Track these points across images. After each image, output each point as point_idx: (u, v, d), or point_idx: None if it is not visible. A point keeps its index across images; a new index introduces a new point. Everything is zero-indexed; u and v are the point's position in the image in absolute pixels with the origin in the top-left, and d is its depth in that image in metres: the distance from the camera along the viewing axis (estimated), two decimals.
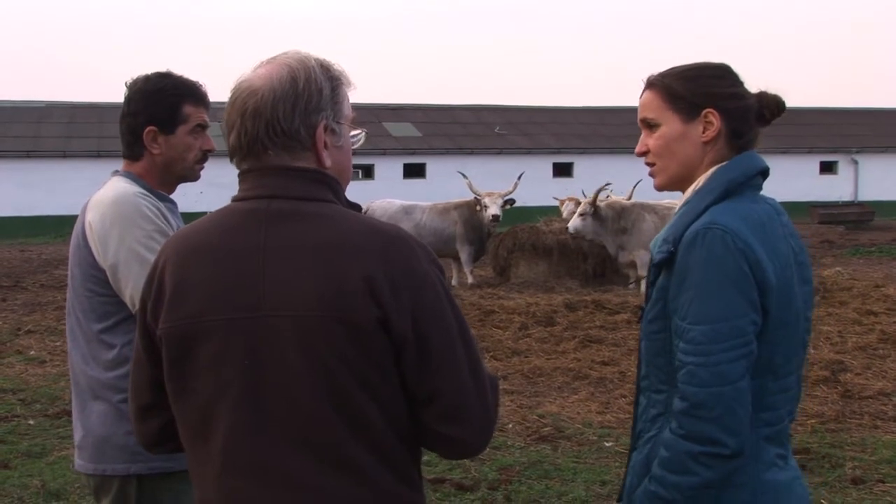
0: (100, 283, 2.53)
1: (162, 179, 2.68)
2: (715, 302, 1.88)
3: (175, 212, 2.70)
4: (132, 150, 2.66)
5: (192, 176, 2.73)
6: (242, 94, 1.73)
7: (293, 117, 1.72)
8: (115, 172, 2.69)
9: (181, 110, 2.62)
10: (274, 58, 1.78)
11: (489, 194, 14.53)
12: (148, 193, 2.59)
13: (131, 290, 2.47)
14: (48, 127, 31.46)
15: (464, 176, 15.44)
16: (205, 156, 2.71)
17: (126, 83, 2.67)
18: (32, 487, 5.18)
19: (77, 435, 2.63)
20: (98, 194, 2.60)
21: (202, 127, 2.68)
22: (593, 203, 13.00)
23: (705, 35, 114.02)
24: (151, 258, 2.39)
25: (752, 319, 1.90)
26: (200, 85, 2.69)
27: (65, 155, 29.74)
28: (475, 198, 14.60)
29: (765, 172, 2.06)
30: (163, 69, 2.69)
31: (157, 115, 2.61)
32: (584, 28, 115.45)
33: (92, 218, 2.54)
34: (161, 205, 2.61)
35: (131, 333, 2.49)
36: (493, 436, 1.80)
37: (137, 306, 1.87)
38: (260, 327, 1.66)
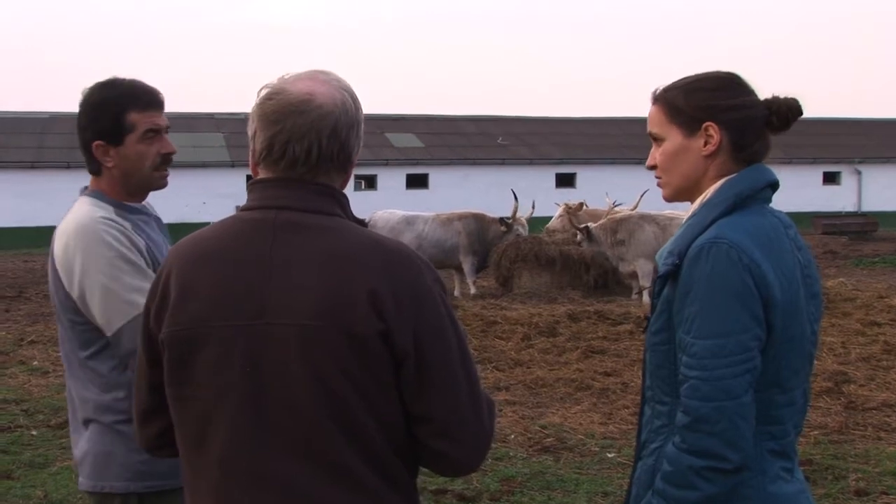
0: (76, 311, 2.47)
1: (126, 191, 2.58)
2: (719, 317, 1.88)
3: (149, 223, 2.61)
4: (91, 165, 2.57)
5: (155, 184, 2.60)
6: (319, 111, 1.73)
7: (357, 142, 1.80)
8: (84, 190, 2.61)
9: (125, 119, 2.50)
10: (327, 77, 1.79)
11: (520, 223, 14.78)
12: (111, 217, 2.49)
13: (98, 318, 2.42)
14: (52, 138, 31.51)
15: (515, 198, 15.14)
16: (165, 159, 2.58)
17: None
18: (35, 498, 5.18)
19: (76, 453, 2.60)
20: (62, 223, 2.52)
21: (154, 132, 2.54)
22: (584, 230, 13.41)
23: (707, 44, 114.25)
24: (113, 285, 2.38)
25: (756, 335, 1.90)
26: (148, 88, 2.56)
27: (68, 166, 29.74)
28: (508, 218, 14.65)
29: (774, 185, 2.06)
30: (107, 77, 2.57)
31: (102, 129, 2.51)
32: (586, 38, 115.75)
33: (57, 249, 2.49)
34: (128, 222, 2.52)
35: (116, 359, 2.46)
36: (487, 455, 1.81)
37: (141, 311, 1.89)
38: (262, 335, 1.68)
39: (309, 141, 1.73)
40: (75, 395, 2.57)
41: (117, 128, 2.51)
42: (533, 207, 15.73)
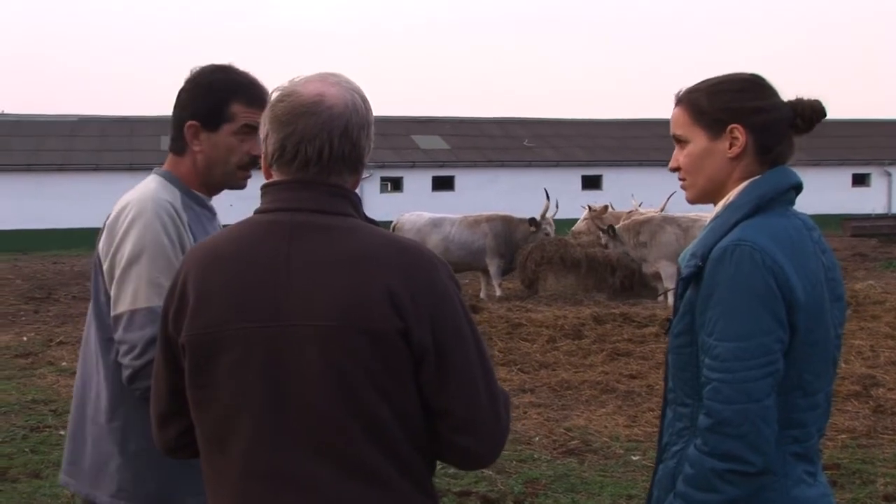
0: (107, 293, 2.39)
1: (203, 181, 2.50)
2: (742, 319, 1.88)
3: (212, 220, 2.54)
4: (176, 143, 2.49)
5: (235, 182, 2.52)
6: (330, 111, 1.75)
7: (368, 143, 1.82)
8: (156, 169, 2.53)
9: (228, 108, 2.43)
10: (337, 79, 1.80)
11: (548, 223, 14.84)
12: (175, 204, 2.40)
13: (112, 295, 2.34)
14: (81, 140, 31.89)
15: (547, 197, 15.17)
16: (253, 161, 2.47)
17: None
18: (63, 498, 5.23)
19: (72, 452, 2.51)
20: (126, 195, 2.46)
21: (251, 128, 2.42)
22: (607, 231, 13.52)
23: (735, 45, 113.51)
24: (133, 272, 2.31)
25: (779, 337, 1.89)
26: (258, 83, 2.48)
27: (97, 168, 30.11)
28: (537, 218, 14.70)
29: (798, 187, 2.05)
30: (224, 62, 2.50)
31: (201, 110, 2.43)
32: (612, 40, 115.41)
33: (111, 216, 2.42)
34: (190, 213, 2.44)
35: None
36: (505, 451, 1.82)
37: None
38: (282, 336, 1.69)
39: (320, 141, 1.74)
40: (87, 395, 2.48)
41: (217, 113, 2.43)
42: (557, 207, 15.71)
